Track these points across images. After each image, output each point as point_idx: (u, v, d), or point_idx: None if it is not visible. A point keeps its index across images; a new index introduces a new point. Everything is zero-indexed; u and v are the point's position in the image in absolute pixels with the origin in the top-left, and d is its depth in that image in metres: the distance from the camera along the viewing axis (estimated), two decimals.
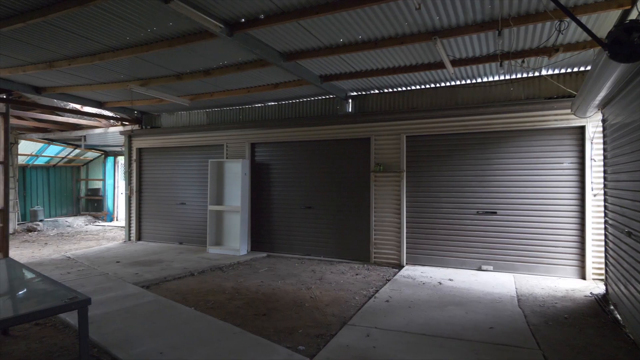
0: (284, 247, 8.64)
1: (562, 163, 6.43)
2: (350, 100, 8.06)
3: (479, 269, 6.88)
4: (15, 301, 2.89)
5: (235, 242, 8.74)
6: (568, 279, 6.28)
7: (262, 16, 4.41)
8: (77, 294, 2.87)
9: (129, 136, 10.47)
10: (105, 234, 12.24)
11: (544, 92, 6.60)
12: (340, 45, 5.37)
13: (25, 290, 3.23)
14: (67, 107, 9.76)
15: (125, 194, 10.66)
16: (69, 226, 13.70)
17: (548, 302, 5.17)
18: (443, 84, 7.26)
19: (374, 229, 7.70)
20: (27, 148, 13.37)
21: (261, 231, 8.91)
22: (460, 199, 7.10)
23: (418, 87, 7.45)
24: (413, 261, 7.43)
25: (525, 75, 6.64)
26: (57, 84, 7.32)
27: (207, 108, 9.50)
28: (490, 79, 6.90)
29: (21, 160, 13.50)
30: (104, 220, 15.30)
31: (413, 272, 6.83)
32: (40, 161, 14.50)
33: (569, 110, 6.11)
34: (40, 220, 13.67)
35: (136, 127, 10.51)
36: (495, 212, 6.83)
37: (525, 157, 6.67)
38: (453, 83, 7.18)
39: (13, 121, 10.89)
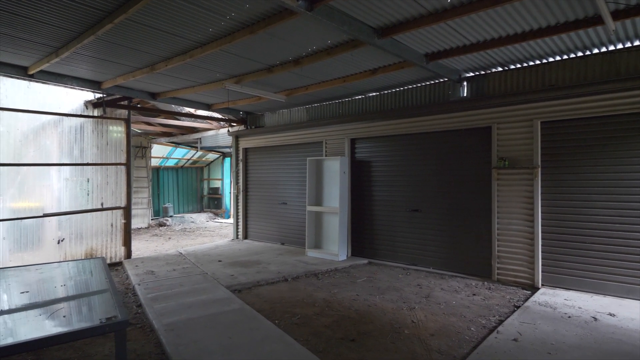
0: (387, 254, 7.71)
1: None
2: (465, 83, 6.72)
3: None
4: (54, 317, 2.63)
5: (334, 246, 8.12)
6: None
7: None
8: (118, 313, 2.49)
9: (236, 136, 10.74)
10: (220, 231, 12.92)
11: None
12: (447, 8, 4.23)
13: (76, 300, 3.01)
14: (183, 111, 10.41)
15: (233, 193, 10.98)
16: (192, 222, 14.94)
17: None
18: (595, 50, 5.45)
19: (496, 238, 6.25)
20: (158, 151, 14.97)
21: (362, 235, 8.12)
22: (626, 202, 5.23)
23: (558, 57, 5.76)
24: (552, 282, 5.78)
25: None
26: (165, 88, 7.66)
27: (307, 104, 9.09)
28: None
29: (154, 162, 15.18)
30: (222, 217, 16.38)
31: (553, 298, 5.24)
32: (170, 163, 16.16)
33: None
34: (170, 216, 15.22)
35: (242, 127, 10.72)
36: None
37: None
38: (611, 47, 5.33)
39: (144, 127, 12.18)
